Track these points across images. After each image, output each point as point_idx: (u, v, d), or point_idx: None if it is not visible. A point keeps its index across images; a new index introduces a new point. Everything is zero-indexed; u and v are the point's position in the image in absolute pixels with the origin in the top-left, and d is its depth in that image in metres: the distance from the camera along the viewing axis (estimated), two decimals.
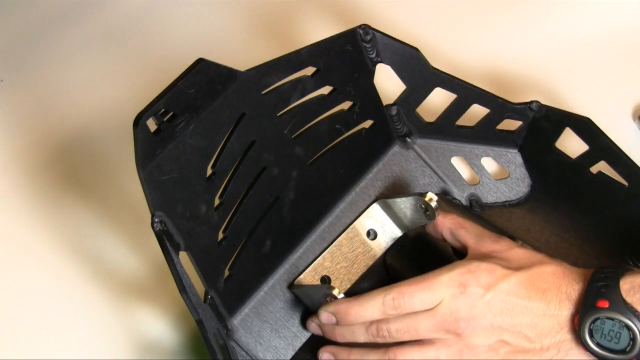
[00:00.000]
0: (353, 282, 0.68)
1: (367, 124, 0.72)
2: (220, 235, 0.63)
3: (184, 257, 0.60)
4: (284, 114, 0.65)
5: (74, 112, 0.86)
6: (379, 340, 0.60)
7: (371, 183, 0.72)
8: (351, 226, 0.69)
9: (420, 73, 0.70)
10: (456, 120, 0.73)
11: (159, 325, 0.71)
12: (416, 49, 0.69)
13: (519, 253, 0.61)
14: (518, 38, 0.87)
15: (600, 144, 0.67)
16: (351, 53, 0.68)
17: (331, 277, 0.67)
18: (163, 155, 0.58)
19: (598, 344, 0.56)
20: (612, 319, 0.56)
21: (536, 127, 0.71)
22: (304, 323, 0.67)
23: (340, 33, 0.68)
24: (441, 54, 0.74)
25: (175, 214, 0.59)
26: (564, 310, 0.58)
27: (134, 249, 0.75)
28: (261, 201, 0.65)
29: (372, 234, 0.69)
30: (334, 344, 0.64)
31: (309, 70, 0.66)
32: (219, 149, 0.62)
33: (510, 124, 0.72)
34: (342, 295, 0.61)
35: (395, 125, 0.73)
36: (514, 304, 0.58)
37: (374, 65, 0.70)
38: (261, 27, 0.90)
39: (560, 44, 0.86)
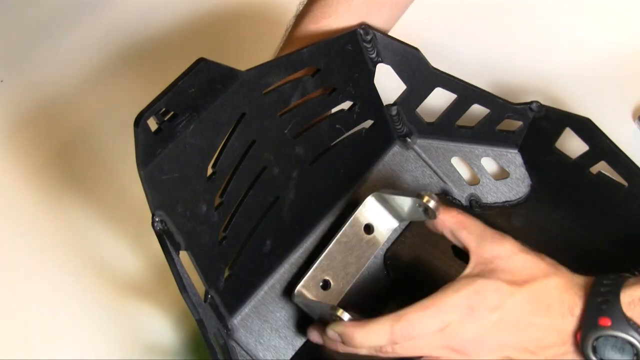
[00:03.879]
0: (353, 281, 0.68)
1: (367, 124, 0.72)
2: (221, 235, 0.63)
3: (184, 257, 0.60)
4: (284, 114, 0.65)
5: (74, 112, 0.86)
6: (381, 355, 0.60)
7: (371, 183, 0.72)
8: (348, 223, 0.68)
9: (420, 73, 0.70)
10: (456, 120, 0.73)
11: (159, 325, 0.71)
12: (416, 49, 0.69)
13: (522, 261, 0.60)
14: (518, 38, 0.87)
15: (600, 144, 0.67)
16: (351, 53, 0.68)
17: (331, 279, 0.67)
18: (163, 154, 0.58)
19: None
20: (615, 337, 0.56)
21: (536, 127, 0.71)
22: (303, 326, 0.67)
23: (341, 33, 0.68)
24: (441, 54, 0.74)
25: (175, 213, 0.59)
26: (567, 326, 0.58)
27: (134, 249, 0.75)
28: (261, 201, 0.65)
29: (369, 229, 0.69)
30: None
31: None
32: (219, 148, 0.62)
33: (510, 124, 0.72)
34: (348, 317, 0.60)
35: (395, 125, 0.73)
36: (520, 321, 0.58)
37: (374, 65, 0.70)
38: (262, 26, 0.90)
39: (561, 44, 0.87)
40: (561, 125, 0.69)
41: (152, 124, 0.57)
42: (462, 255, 0.65)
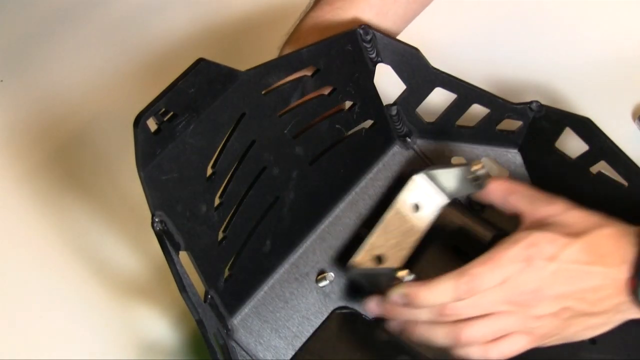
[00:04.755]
0: (405, 257, 0.67)
1: (367, 124, 0.72)
2: (221, 235, 0.63)
3: (184, 257, 0.60)
4: (284, 114, 0.65)
5: (74, 112, 0.86)
6: (443, 318, 0.61)
7: (371, 183, 0.72)
8: (396, 202, 0.68)
9: (420, 73, 0.70)
10: (456, 120, 0.73)
11: (159, 325, 0.71)
12: (416, 49, 0.69)
13: (575, 216, 0.61)
14: (518, 38, 0.87)
15: (600, 144, 0.67)
16: (351, 53, 0.68)
17: (384, 255, 0.67)
18: (163, 155, 0.58)
19: None
20: None
21: (536, 127, 0.71)
22: (303, 324, 0.67)
23: (341, 33, 0.68)
24: (441, 54, 0.74)
25: (175, 213, 0.59)
26: (622, 274, 0.59)
27: (134, 249, 0.75)
28: (261, 201, 0.65)
29: (417, 207, 0.68)
30: None
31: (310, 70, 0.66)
32: (219, 148, 0.62)
33: (510, 124, 0.72)
34: (413, 276, 0.61)
35: (395, 125, 0.73)
36: (577, 271, 0.59)
37: (374, 65, 0.70)
38: (263, 26, 0.90)
39: (561, 44, 0.87)
40: (561, 125, 0.69)
41: (152, 125, 0.57)
42: (463, 255, 0.65)
